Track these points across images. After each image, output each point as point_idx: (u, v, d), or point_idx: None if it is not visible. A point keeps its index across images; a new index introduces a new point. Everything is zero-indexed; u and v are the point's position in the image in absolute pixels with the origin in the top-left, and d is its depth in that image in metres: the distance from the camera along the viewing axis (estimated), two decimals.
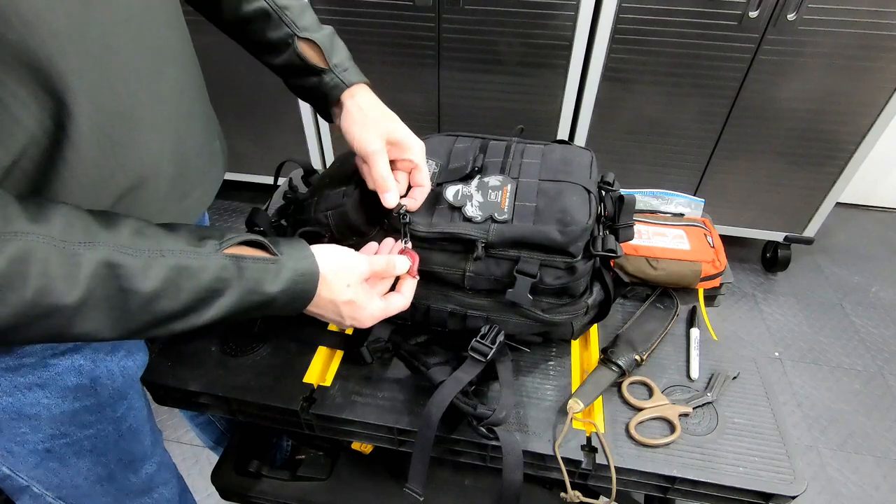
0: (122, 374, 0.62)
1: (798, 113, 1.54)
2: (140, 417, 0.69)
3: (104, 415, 0.62)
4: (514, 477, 0.58)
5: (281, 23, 0.63)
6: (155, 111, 0.51)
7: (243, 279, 0.46)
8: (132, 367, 0.64)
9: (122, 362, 0.62)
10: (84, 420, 0.60)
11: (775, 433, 0.65)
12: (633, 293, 0.84)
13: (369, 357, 0.70)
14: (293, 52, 0.63)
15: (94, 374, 0.59)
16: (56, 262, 0.37)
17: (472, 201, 0.64)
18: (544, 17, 1.47)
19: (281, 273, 0.48)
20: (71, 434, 0.60)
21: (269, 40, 0.64)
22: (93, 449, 0.63)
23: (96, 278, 0.38)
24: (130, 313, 0.41)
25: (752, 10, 1.36)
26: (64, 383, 0.56)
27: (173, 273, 0.42)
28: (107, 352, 0.60)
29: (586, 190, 0.65)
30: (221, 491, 0.85)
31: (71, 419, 0.59)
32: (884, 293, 1.87)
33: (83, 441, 0.61)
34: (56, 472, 0.62)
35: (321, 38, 0.64)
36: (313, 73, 0.64)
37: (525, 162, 0.69)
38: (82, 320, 0.39)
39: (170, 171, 0.55)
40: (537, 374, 0.72)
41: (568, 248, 0.60)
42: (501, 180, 0.66)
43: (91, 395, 0.59)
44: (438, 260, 0.64)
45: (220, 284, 0.44)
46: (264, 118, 1.85)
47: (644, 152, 1.70)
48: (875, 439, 1.44)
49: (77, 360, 0.56)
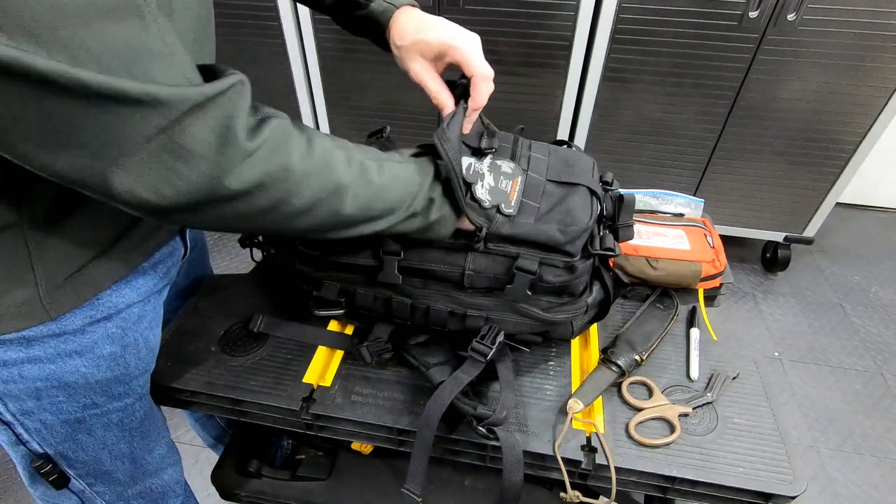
0: (145, 346, 0.64)
1: (798, 113, 1.54)
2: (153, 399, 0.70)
3: (132, 387, 0.64)
4: (514, 477, 0.58)
5: None
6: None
7: (428, 175, 0.57)
8: (153, 341, 0.65)
9: (145, 333, 0.63)
10: (115, 391, 0.62)
11: (775, 433, 0.65)
12: (633, 293, 0.84)
13: (369, 357, 0.70)
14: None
15: (125, 342, 0.60)
16: (339, 157, 0.49)
17: (484, 183, 0.62)
18: (544, 17, 1.47)
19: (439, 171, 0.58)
20: (102, 405, 0.61)
21: None
22: (119, 423, 0.64)
23: (355, 168, 0.51)
24: (371, 200, 0.52)
25: (752, 10, 1.36)
26: (100, 351, 0.58)
27: (389, 174, 0.54)
28: (134, 321, 0.61)
29: (590, 191, 0.64)
30: (221, 491, 0.85)
31: (104, 389, 0.60)
32: (884, 293, 1.87)
33: (111, 413, 0.63)
34: (83, 444, 0.63)
35: None
36: (360, 5, 0.65)
37: (534, 156, 0.68)
38: (350, 199, 0.50)
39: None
40: (537, 374, 0.72)
41: (567, 247, 0.60)
42: (513, 169, 0.65)
43: (121, 365, 0.61)
44: (437, 258, 0.64)
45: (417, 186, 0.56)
46: None
47: (644, 152, 1.70)
48: (875, 439, 1.44)
49: (110, 327, 0.58)
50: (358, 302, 0.71)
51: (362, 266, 0.66)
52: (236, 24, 1.62)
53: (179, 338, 0.75)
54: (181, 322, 0.77)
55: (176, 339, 0.75)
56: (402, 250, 0.64)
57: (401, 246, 0.64)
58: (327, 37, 1.62)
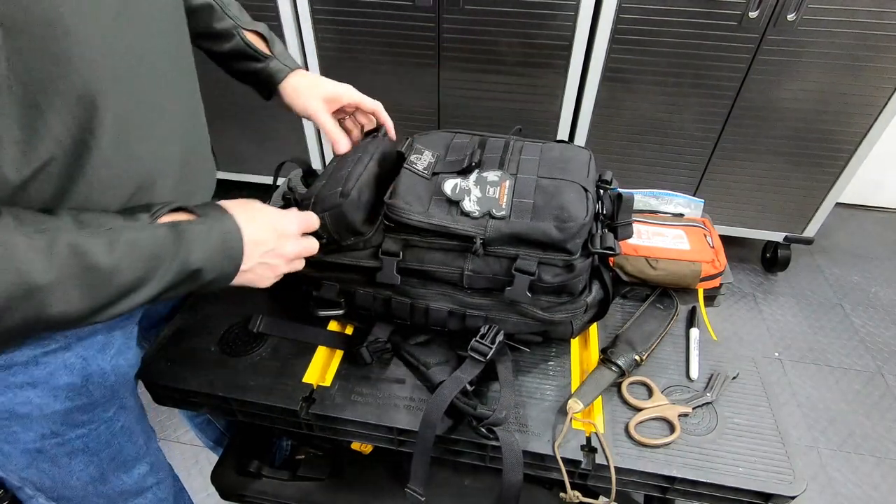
0: (114, 373, 0.62)
1: (798, 113, 1.54)
2: (132, 417, 0.68)
3: (96, 414, 0.62)
4: (513, 477, 0.58)
5: (225, 15, 0.71)
6: (169, 117, 0.55)
7: (182, 241, 0.48)
8: (124, 366, 0.64)
9: (113, 361, 0.62)
10: (76, 420, 0.60)
11: (775, 433, 0.65)
12: (633, 293, 0.84)
13: (369, 357, 0.70)
14: (240, 41, 0.72)
15: (86, 373, 0.58)
16: (26, 246, 0.39)
17: (471, 196, 0.64)
18: (544, 17, 1.47)
19: (211, 231, 0.50)
20: (63, 434, 0.59)
21: (215, 30, 0.71)
22: (85, 449, 0.62)
23: (63, 258, 0.41)
24: (96, 289, 0.43)
25: (752, 11, 1.36)
26: (56, 382, 0.56)
27: (124, 247, 0.44)
28: (98, 349, 0.59)
29: (583, 188, 0.65)
30: (221, 491, 0.85)
31: (63, 419, 0.59)
32: (884, 293, 1.87)
33: (75, 441, 0.61)
34: (48, 472, 0.61)
35: (264, 30, 0.75)
36: (257, 59, 0.74)
37: (524, 158, 0.69)
38: (57, 301, 0.41)
39: (177, 173, 0.57)
40: (537, 374, 0.72)
41: (566, 244, 0.60)
42: (500, 176, 0.66)
43: (83, 395, 0.59)
44: (437, 259, 0.64)
45: (163, 251, 0.47)
46: (264, 118, 1.85)
47: (644, 152, 1.70)
48: (875, 439, 1.44)
49: (69, 357, 0.56)
50: (357, 302, 0.71)
51: (362, 267, 0.66)
52: None
53: (179, 338, 0.75)
54: (181, 322, 0.77)
55: (176, 339, 0.75)
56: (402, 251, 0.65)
57: (400, 247, 0.65)
58: (327, 37, 1.62)
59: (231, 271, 0.52)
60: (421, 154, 0.70)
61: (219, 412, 0.71)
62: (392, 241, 0.64)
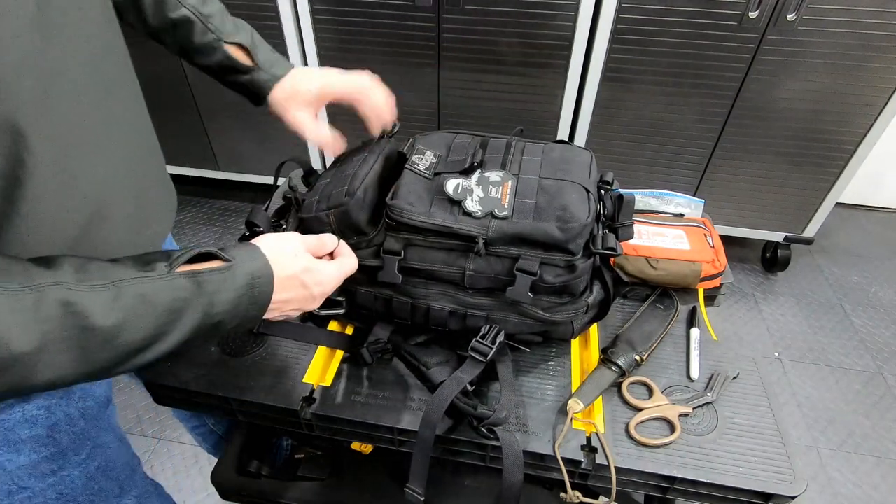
0: (82, 417, 0.58)
1: (798, 113, 1.54)
2: (110, 453, 0.64)
3: (67, 461, 0.58)
4: (514, 477, 0.58)
5: (206, 29, 0.68)
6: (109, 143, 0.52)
7: (203, 294, 0.44)
8: (93, 407, 0.59)
9: (80, 403, 0.57)
10: (44, 470, 0.56)
11: (775, 433, 0.65)
12: (633, 293, 0.84)
13: (369, 357, 0.70)
14: (222, 55, 0.69)
15: (51, 423, 0.54)
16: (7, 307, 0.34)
17: (473, 196, 0.64)
18: (544, 17, 1.47)
19: (237, 277, 0.47)
20: (31, 487, 0.56)
21: (196, 45, 0.69)
22: (59, 497, 0.59)
23: (52, 320, 0.36)
24: (93, 352, 0.38)
25: (752, 10, 1.36)
26: (16, 437, 0.52)
27: (132, 302, 0.40)
28: (61, 396, 0.55)
29: (585, 189, 0.65)
30: (221, 491, 0.85)
31: (30, 472, 0.55)
32: (883, 293, 1.87)
33: (47, 491, 0.57)
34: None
35: (246, 41, 0.70)
36: (243, 71, 0.71)
37: (526, 159, 0.69)
38: (44, 368, 0.36)
39: (128, 203, 0.55)
40: (537, 374, 0.72)
41: (567, 245, 0.60)
42: (502, 176, 0.66)
43: (49, 445, 0.55)
44: (438, 258, 0.64)
45: (180, 304, 0.43)
46: (264, 118, 1.85)
47: (644, 152, 1.70)
48: (875, 439, 1.44)
49: (29, 409, 0.52)
50: (358, 301, 0.71)
51: (363, 266, 0.66)
52: None
53: None
54: None
55: None
56: (403, 250, 0.65)
57: (401, 246, 0.65)
58: (327, 37, 1.62)
59: (256, 315, 0.50)
60: (423, 154, 0.70)
61: (219, 412, 0.71)
62: (394, 241, 0.64)
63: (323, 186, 0.70)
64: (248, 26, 0.72)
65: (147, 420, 1.47)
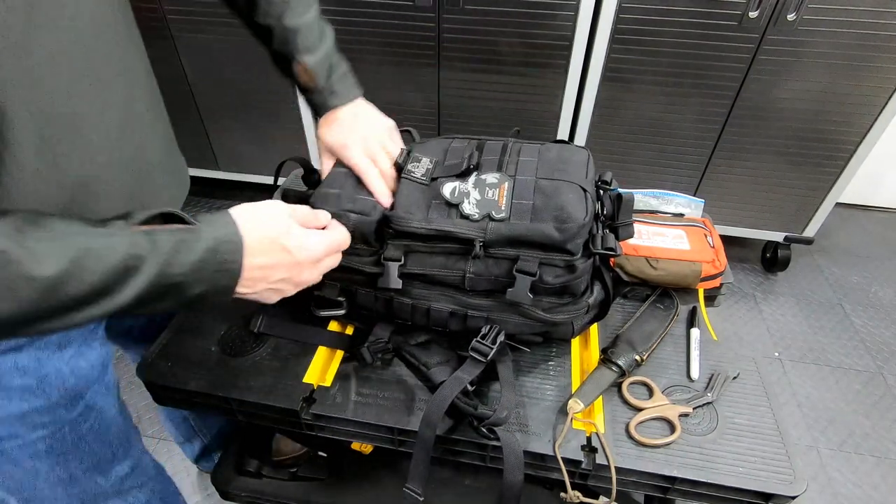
0: (73, 375, 0.59)
1: (798, 113, 1.54)
2: (104, 418, 0.65)
3: (57, 416, 0.59)
4: (514, 477, 0.58)
5: (285, 40, 0.68)
6: (101, 120, 0.51)
7: (158, 253, 0.43)
8: (84, 367, 0.60)
9: (72, 361, 0.59)
10: (35, 421, 0.58)
11: (775, 433, 0.65)
12: (633, 293, 0.84)
13: (369, 357, 0.70)
14: (292, 70, 0.70)
15: (41, 374, 0.56)
16: None
17: (470, 198, 0.64)
18: (544, 17, 1.47)
19: (200, 241, 0.46)
20: (22, 435, 0.57)
21: (277, 52, 0.70)
22: (49, 451, 0.60)
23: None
24: (33, 301, 0.39)
25: (752, 10, 1.36)
26: (7, 384, 0.54)
27: (77, 255, 0.40)
28: (52, 350, 0.57)
29: (582, 188, 0.65)
30: (221, 491, 0.85)
31: (20, 420, 0.56)
32: (884, 293, 1.87)
33: (37, 443, 0.59)
34: (12, 474, 0.60)
35: (315, 63, 0.69)
36: (305, 90, 0.72)
37: (522, 160, 0.69)
38: None
39: (124, 182, 0.55)
40: (537, 374, 0.72)
41: (566, 245, 0.60)
42: (499, 178, 0.66)
43: (39, 397, 0.57)
44: (438, 263, 0.65)
45: (133, 261, 0.42)
46: (264, 118, 1.85)
47: (644, 152, 1.70)
48: (875, 439, 1.44)
49: (20, 359, 0.54)
50: (359, 302, 0.71)
51: (364, 272, 0.66)
52: (236, 24, 1.62)
53: (179, 338, 0.75)
54: (181, 322, 0.77)
55: (176, 339, 0.75)
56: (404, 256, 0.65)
57: (402, 253, 0.65)
58: None
59: (228, 285, 0.49)
60: (418, 162, 0.69)
61: (219, 412, 0.71)
62: (394, 248, 0.65)
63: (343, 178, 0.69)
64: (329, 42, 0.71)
65: (147, 420, 1.47)
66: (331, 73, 0.70)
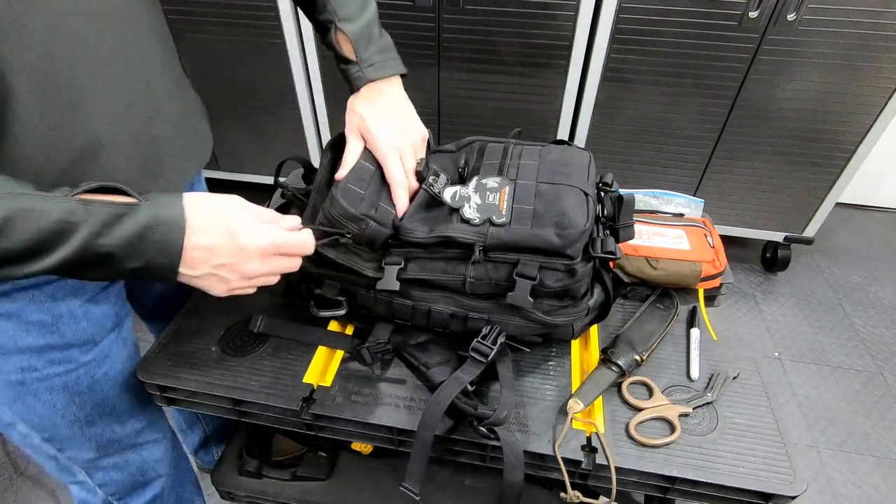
0: (86, 318, 0.62)
1: (798, 113, 1.54)
2: (118, 367, 0.69)
3: (71, 355, 0.63)
4: (514, 477, 0.58)
5: (325, 7, 0.67)
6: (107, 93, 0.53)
7: (91, 221, 0.44)
8: (97, 314, 0.64)
9: (85, 306, 0.62)
10: (51, 357, 0.61)
11: (775, 433, 0.65)
12: (633, 293, 0.84)
13: (369, 357, 0.70)
14: (331, 38, 0.67)
15: (56, 312, 0.59)
16: None
17: (470, 203, 0.64)
18: (544, 17, 1.47)
19: (136, 216, 0.46)
20: (41, 369, 0.61)
21: (316, 20, 0.69)
22: (64, 387, 0.64)
23: None
24: None
25: (752, 11, 1.36)
26: (27, 317, 0.57)
27: (11, 213, 0.41)
28: (68, 292, 0.60)
29: (584, 192, 0.65)
30: (221, 491, 0.85)
31: (38, 353, 0.60)
32: (884, 293, 1.87)
33: (53, 378, 0.62)
34: (33, 407, 0.63)
35: (354, 31, 0.66)
36: (343, 60, 0.68)
37: (523, 163, 0.69)
38: None
39: (130, 146, 0.56)
40: (537, 375, 0.72)
41: (566, 250, 0.60)
42: (500, 182, 0.66)
43: (54, 333, 0.60)
44: (438, 267, 0.65)
45: (65, 226, 0.43)
46: (264, 118, 1.85)
47: (644, 152, 1.70)
48: (875, 439, 1.44)
49: (38, 295, 0.57)
50: (359, 302, 0.71)
51: (365, 276, 0.66)
52: (236, 23, 1.62)
53: (179, 338, 0.75)
54: (181, 322, 0.77)
55: (176, 339, 0.75)
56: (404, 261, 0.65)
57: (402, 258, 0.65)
58: None
59: (167, 264, 0.48)
60: (437, 177, 0.68)
61: (219, 412, 0.71)
62: (395, 254, 0.65)
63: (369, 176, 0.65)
64: (370, 13, 0.69)
65: None
66: (370, 42, 0.68)
